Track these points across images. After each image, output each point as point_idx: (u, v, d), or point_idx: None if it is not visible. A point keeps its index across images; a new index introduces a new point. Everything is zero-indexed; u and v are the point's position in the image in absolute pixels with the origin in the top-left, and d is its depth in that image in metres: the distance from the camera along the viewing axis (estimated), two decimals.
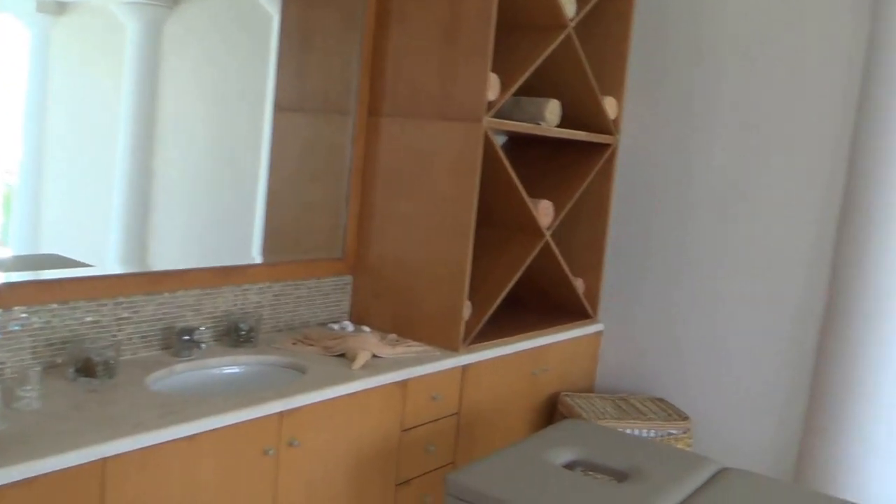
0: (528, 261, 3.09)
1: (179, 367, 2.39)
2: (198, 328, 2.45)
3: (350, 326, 3.00)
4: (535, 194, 3.37)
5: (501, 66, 2.90)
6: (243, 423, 2.12)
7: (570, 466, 2.44)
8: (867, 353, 2.70)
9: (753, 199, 3.19)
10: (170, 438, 1.94)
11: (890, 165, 2.66)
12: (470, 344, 2.89)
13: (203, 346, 2.47)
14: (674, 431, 3.02)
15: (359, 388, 2.44)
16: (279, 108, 2.78)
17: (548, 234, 3.18)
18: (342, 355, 2.65)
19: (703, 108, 3.30)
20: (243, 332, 2.61)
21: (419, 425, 2.70)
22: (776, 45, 3.12)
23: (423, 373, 2.66)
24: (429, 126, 2.87)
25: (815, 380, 2.89)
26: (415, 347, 2.81)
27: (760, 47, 3.16)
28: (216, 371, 2.48)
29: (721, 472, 2.38)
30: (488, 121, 2.77)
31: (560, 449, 2.40)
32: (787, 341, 3.11)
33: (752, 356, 3.20)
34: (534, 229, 3.17)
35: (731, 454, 3.23)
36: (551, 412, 3.32)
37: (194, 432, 1.99)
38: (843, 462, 2.73)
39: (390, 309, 3.01)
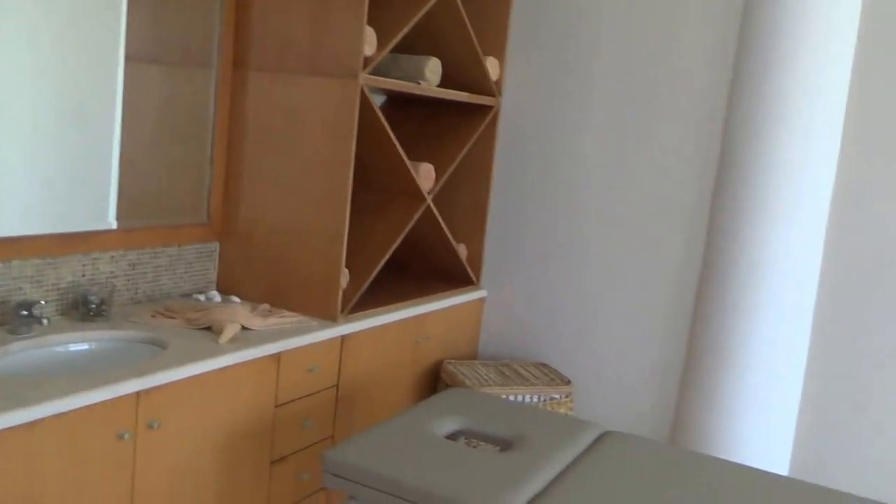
0: (409, 226, 2.97)
1: (16, 345, 2.13)
2: (38, 302, 2.19)
3: (217, 297, 2.79)
4: (416, 157, 3.25)
5: (378, 20, 2.74)
6: (94, 405, 1.90)
7: (453, 437, 2.35)
8: (739, 318, 2.72)
9: (632, 166, 3.17)
10: (3, 427, 1.70)
11: (763, 132, 2.67)
12: (348, 313, 2.74)
13: (45, 321, 2.21)
14: (556, 396, 2.98)
15: (227, 363, 2.26)
16: (131, 59, 2.52)
17: (429, 198, 3.06)
18: (208, 328, 2.46)
19: (583, 72, 3.25)
20: (94, 306, 2.37)
21: (295, 400, 2.54)
22: (655, 10, 3.08)
23: (297, 345, 2.49)
24: (300, 81, 2.68)
25: (691, 344, 2.90)
26: (289, 318, 2.64)
27: (640, 12, 3.11)
28: (61, 349, 2.24)
29: (603, 436, 2.34)
30: (365, 77, 2.60)
31: (443, 419, 2.30)
32: (665, 306, 3.13)
33: (631, 321, 3.20)
34: (415, 193, 3.04)
35: (611, 417, 3.24)
36: (435, 381, 3.23)
37: (34, 418, 1.76)
38: (717, 422, 2.76)
39: (262, 277, 2.82)
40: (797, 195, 2.66)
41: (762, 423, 2.73)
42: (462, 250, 3.40)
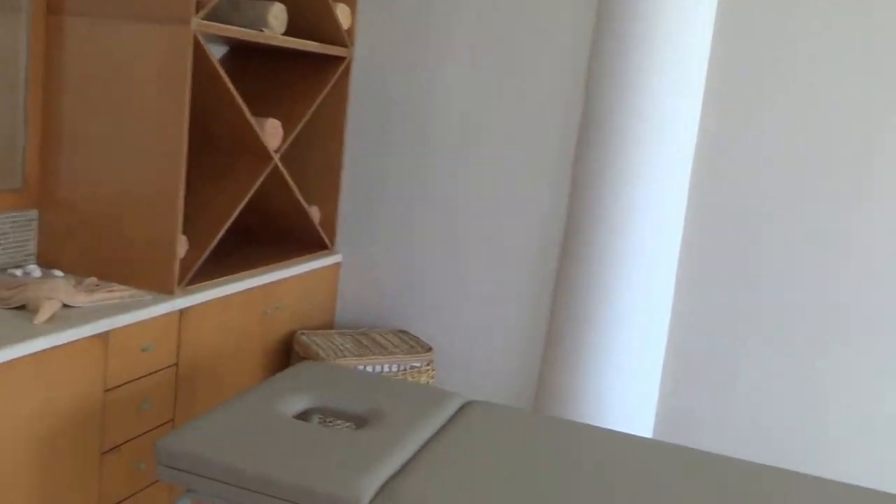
0: (255, 188, 2.74)
1: None
2: None
3: (37, 271, 2.49)
4: (261, 112, 3.02)
5: None
6: None
7: (304, 416, 2.19)
8: (601, 281, 2.68)
9: (496, 121, 3.05)
10: None
11: (626, 84, 2.62)
12: (188, 284, 2.51)
13: None
14: (416, 364, 2.86)
15: (43, 346, 2.00)
16: None
17: (276, 157, 2.84)
18: (23, 307, 2.17)
19: (442, 22, 3.09)
20: None
21: (128, 382, 2.30)
22: None
23: (128, 322, 2.25)
24: (125, 29, 2.39)
25: (554, 307, 2.84)
26: (119, 292, 2.38)
27: None
28: None
29: (465, 406, 2.25)
30: (198, 23, 2.35)
31: (292, 397, 2.13)
32: (529, 268, 3.06)
33: (494, 283, 3.11)
34: (260, 152, 2.81)
35: (475, 384, 3.16)
36: (288, 354, 3.04)
37: None
38: (581, 386, 2.72)
39: (88, 248, 2.53)
40: (660, 148, 2.62)
41: (627, 386, 2.71)
42: (315, 213, 3.20)
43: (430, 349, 2.95)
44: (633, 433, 2.72)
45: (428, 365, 2.89)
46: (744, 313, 2.79)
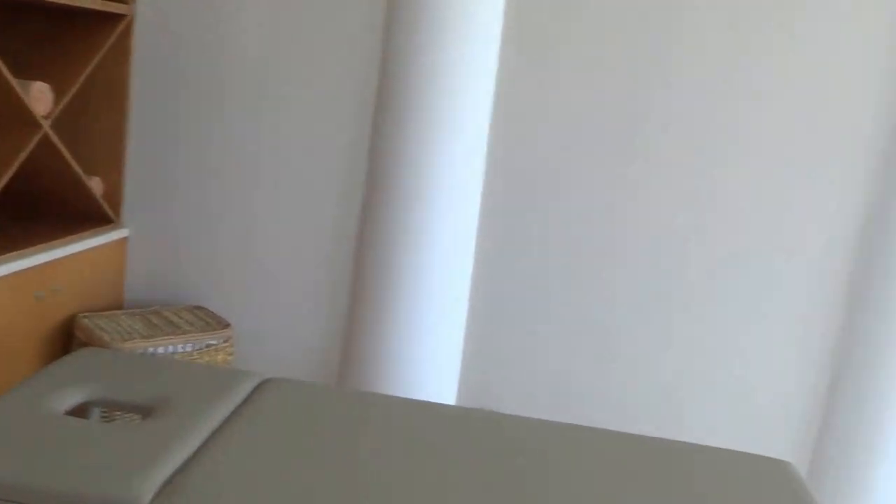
0: (21, 158, 2.48)
1: None
2: None
3: None
4: (31, 76, 2.73)
5: None
6: None
7: (81, 410, 2.00)
8: (401, 248, 2.66)
9: (290, 86, 2.92)
10: None
11: (422, 42, 2.58)
12: None
13: None
14: (213, 342, 2.72)
15: None
16: None
17: (46, 124, 2.58)
18: None
19: None
20: None
21: None
22: None
23: None
24: None
25: (355, 277, 2.78)
26: None
27: None
28: None
29: (261, 385, 2.15)
30: None
31: (66, 390, 1.95)
32: (330, 237, 2.98)
33: (295, 254, 3.01)
34: (27, 119, 2.55)
35: (277, 359, 3.07)
36: (69, 341, 2.80)
37: None
38: (383, 358, 2.69)
39: None
40: (458, 108, 2.61)
41: (430, 353, 2.71)
42: (96, 184, 2.95)
43: (227, 325, 2.81)
44: (436, 401, 2.73)
45: (226, 342, 2.75)
46: (545, 271, 2.86)
